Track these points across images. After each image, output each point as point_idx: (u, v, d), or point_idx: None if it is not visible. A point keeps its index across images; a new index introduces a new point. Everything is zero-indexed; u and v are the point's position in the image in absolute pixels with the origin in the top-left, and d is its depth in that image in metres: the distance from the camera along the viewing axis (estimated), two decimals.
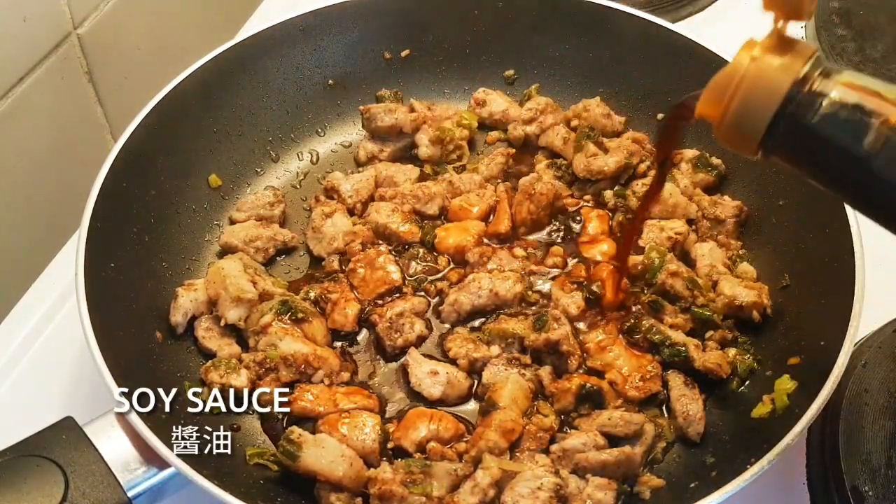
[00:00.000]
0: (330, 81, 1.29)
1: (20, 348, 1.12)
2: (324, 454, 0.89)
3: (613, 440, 0.93)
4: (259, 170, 1.24)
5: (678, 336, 1.01)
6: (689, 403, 0.96)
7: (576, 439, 0.92)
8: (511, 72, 1.33)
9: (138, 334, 1.00)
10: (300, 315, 1.02)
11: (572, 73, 1.30)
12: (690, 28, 1.36)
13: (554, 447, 0.92)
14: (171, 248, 1.11)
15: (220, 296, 1.03)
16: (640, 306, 1.04)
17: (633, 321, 1.02)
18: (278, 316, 1.01)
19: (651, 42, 1.22)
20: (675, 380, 0.98)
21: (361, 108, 1.26)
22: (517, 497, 0.86)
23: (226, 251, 1.13)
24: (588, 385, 0.96)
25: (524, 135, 1.25)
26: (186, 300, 1.03)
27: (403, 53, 1.31)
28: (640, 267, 1.06)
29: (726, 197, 1.16)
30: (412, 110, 1.26)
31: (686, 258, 1.10)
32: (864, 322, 0.90)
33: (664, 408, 0.99)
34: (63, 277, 1.16)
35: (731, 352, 1.01)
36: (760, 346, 1.02)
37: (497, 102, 1.28)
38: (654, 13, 1.23)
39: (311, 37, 1.25)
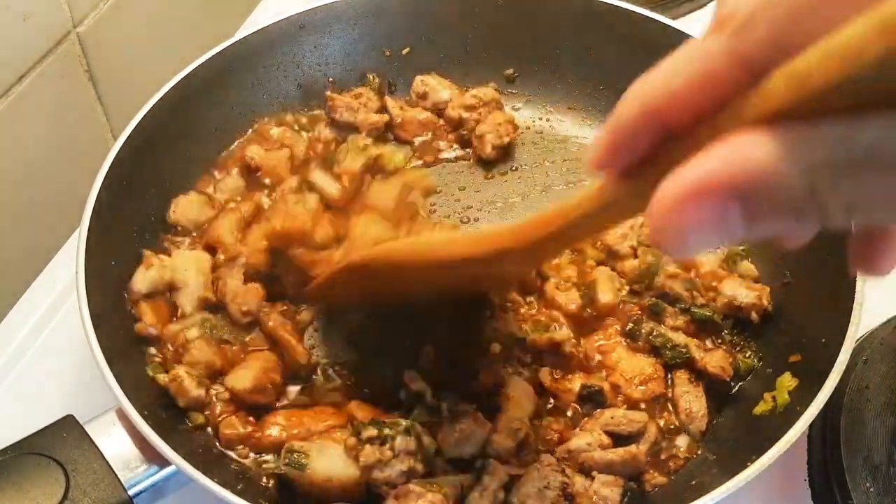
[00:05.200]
0: (330, 79, 1.29)
1: (20, 346, 1.12)
2: (334, 459, 0.86)
3: (617, 439, 0.93)
4: None
5: (679, 338, 1.00)
6: (692, 400, 0.96)
7: (580, 440, 0.92)
8: (511, 70, 1.32)
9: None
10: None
11: (572, 71, 1.29)
12: (691, 25, 1.35)
13: (559, 448, 0.92)
14: None
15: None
16: (639, 310, 1.04)
17: (632, 325, 1.02)
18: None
19: (651, 39, 1.22)
20: (680, 377, 0.98)
21: (328, 93, 1.25)
22: (524, 497, 0.87)
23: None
24: (590, 385, 0.96)
25: (459, 118, 1.24)
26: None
27: (404, 51, 1.31)
28: (636, 271, 1.06)
29: None
30: (383, 109, 1.24)
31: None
32: (865, 318, 0.90)
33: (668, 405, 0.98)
34: (63, 276, 1.16)
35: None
36: (761, 344, 1.02)
37: (439, 92, 1.27)
38: (654, 10, 1.23)
39: (311, 34, 1.25)
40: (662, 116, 0.47)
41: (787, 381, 0.93)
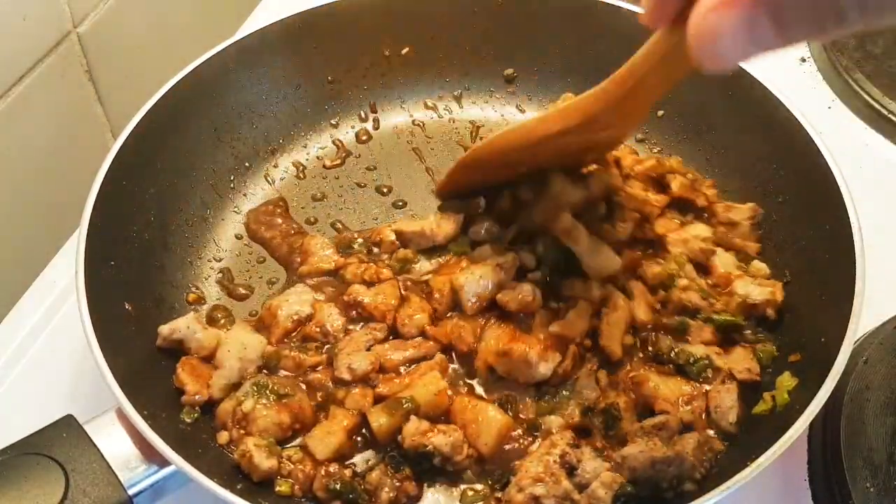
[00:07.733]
0: (329, 78, 1.29)
1: (21, 347, 1.12)
2: None
3: None
4: (260, 167, 1.25)
5: (699, 349, 0.98)
6: (722, 395, 0.95)
7: (636, 447, 0.89)
8: (511, 70, 1.33)
9: (138, 332, 0.99)
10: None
11: (573, 71, 1.29)
12: None
13: (615, 454, 0.90)
14: (171, 246, 1.11)
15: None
16: (663, 331, 1.01)
17: (651, 348, 1.00)
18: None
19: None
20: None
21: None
22: (528, 465, 0.88)
23: None
24: (609, 403, 0.94)
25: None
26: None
27: (403, 51, 1.31)
28: (658, 278, 1.04)
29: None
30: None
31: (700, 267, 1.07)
32: (865, 318, 0.90)
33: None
34: (63, 276, 1.16)
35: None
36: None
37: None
38: None
39: (310, 34, 1.25)
40: None
41: (787, 381, 0.92)
